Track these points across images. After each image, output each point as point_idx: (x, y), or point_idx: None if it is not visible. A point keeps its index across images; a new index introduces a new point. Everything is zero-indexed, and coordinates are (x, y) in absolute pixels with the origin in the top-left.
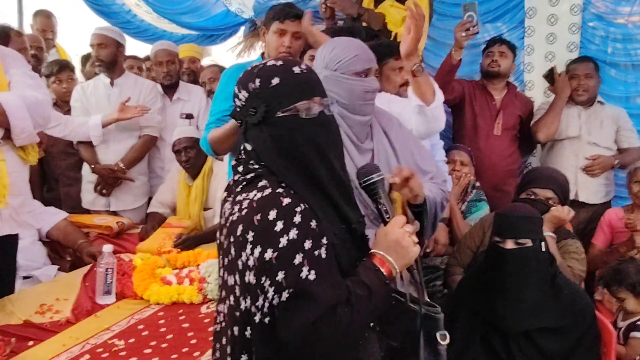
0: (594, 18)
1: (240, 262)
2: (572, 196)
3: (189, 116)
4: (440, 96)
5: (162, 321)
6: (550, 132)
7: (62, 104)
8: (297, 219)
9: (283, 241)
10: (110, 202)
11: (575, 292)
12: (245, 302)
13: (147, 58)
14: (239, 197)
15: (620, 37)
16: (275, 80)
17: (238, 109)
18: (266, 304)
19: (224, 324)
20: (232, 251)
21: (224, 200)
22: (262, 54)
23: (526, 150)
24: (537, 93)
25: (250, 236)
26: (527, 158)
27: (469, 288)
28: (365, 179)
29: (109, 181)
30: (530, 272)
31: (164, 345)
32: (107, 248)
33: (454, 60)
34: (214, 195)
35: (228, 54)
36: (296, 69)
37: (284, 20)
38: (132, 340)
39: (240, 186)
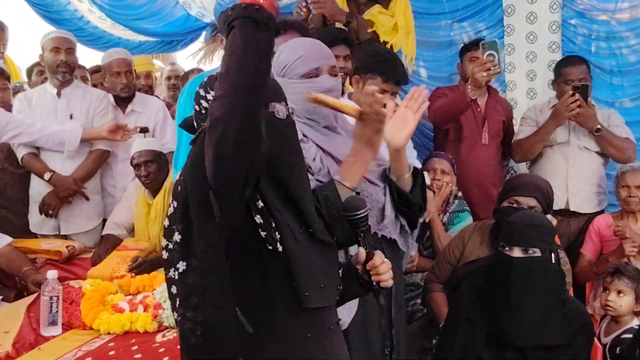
0: (575, 15)
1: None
2: (562, 205)
3: (144, 130)
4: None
5: (112, 352)
6: (528, 157)
7: None
8: None
9: None
10: (60, 226)
11: (576, 308)
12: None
13: (96, 70)
14: None
15: (603, 35)
16: None
17: (203, 112)
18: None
19: None
20: None
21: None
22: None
23: (507, 154)
24: (520, 94)
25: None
26: (508, 162)
27: (469, 297)
28: (355, 213)
29: (66, 193)
30: (537, 284)
31: None
32: (51, 274)
33: (468, 99)
34: None
35: (189, 60)
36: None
37: None
38: None
39: None
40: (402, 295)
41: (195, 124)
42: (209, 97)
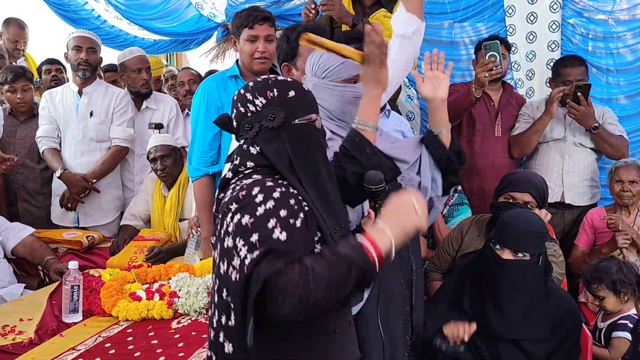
0: (574, 14)
1: (222, 232)
2: (558, 198)
3: (158, 126)
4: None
5: (130, 338)
6: (525, 151)
7: (18, 114)
8: (277, 195)
9: (260, 210)
10: (79, 219)
11: (561, 297)
12: (223, 265)
13: (109, 69)
14: (233, 185)
15: (601, 35)
16: (292, 93)
17: (249, 114)
18: (239, 262)
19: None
20: (218, 226)
21: (218, 198)
22: (237, 61)
23: None
24: (520, 92)
25: (233, 207)
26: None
27: (458, 287)
28: (375, 187)
29: (76, 190)
30: (524, 284)
31: None
32: (73, 265)
33: (473, 98)
34: (190, 206)
35: (202, 59)
36: (305, 87)
37: (253, 26)
38: (97, 359)
39: (237, 178)
40: (422, 282)
41: (235, 122)
42: (257, 102)
